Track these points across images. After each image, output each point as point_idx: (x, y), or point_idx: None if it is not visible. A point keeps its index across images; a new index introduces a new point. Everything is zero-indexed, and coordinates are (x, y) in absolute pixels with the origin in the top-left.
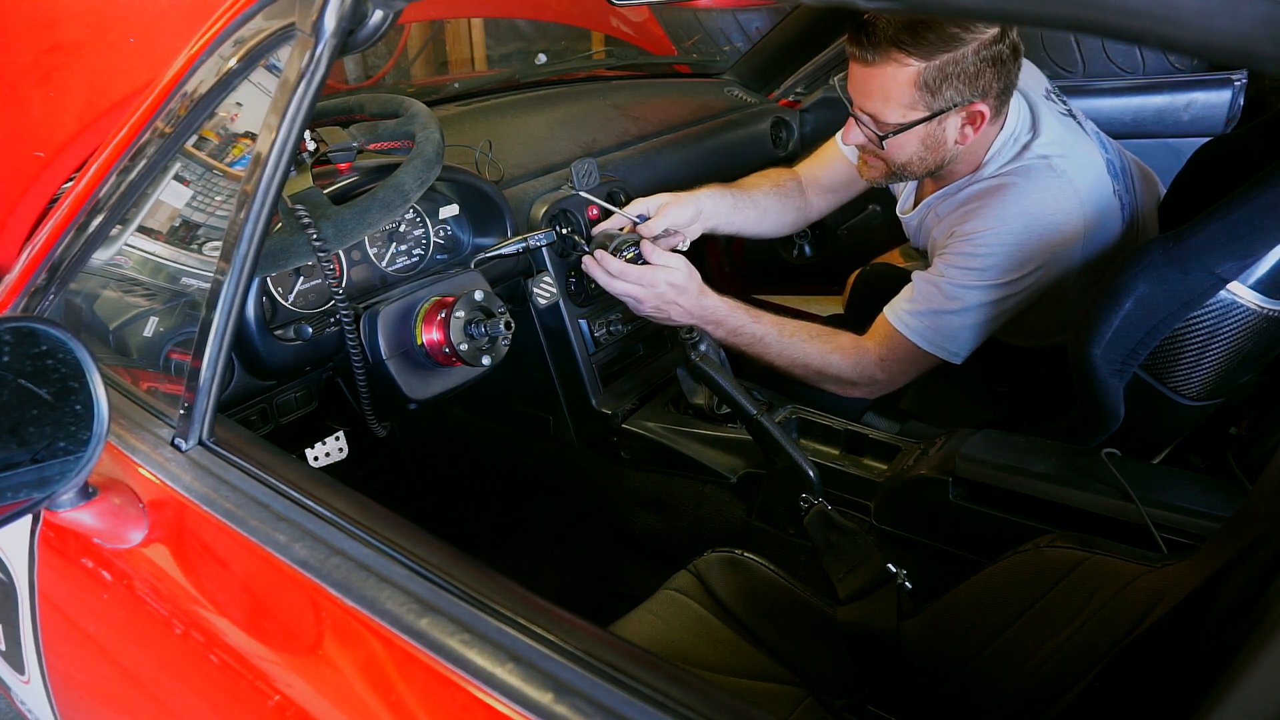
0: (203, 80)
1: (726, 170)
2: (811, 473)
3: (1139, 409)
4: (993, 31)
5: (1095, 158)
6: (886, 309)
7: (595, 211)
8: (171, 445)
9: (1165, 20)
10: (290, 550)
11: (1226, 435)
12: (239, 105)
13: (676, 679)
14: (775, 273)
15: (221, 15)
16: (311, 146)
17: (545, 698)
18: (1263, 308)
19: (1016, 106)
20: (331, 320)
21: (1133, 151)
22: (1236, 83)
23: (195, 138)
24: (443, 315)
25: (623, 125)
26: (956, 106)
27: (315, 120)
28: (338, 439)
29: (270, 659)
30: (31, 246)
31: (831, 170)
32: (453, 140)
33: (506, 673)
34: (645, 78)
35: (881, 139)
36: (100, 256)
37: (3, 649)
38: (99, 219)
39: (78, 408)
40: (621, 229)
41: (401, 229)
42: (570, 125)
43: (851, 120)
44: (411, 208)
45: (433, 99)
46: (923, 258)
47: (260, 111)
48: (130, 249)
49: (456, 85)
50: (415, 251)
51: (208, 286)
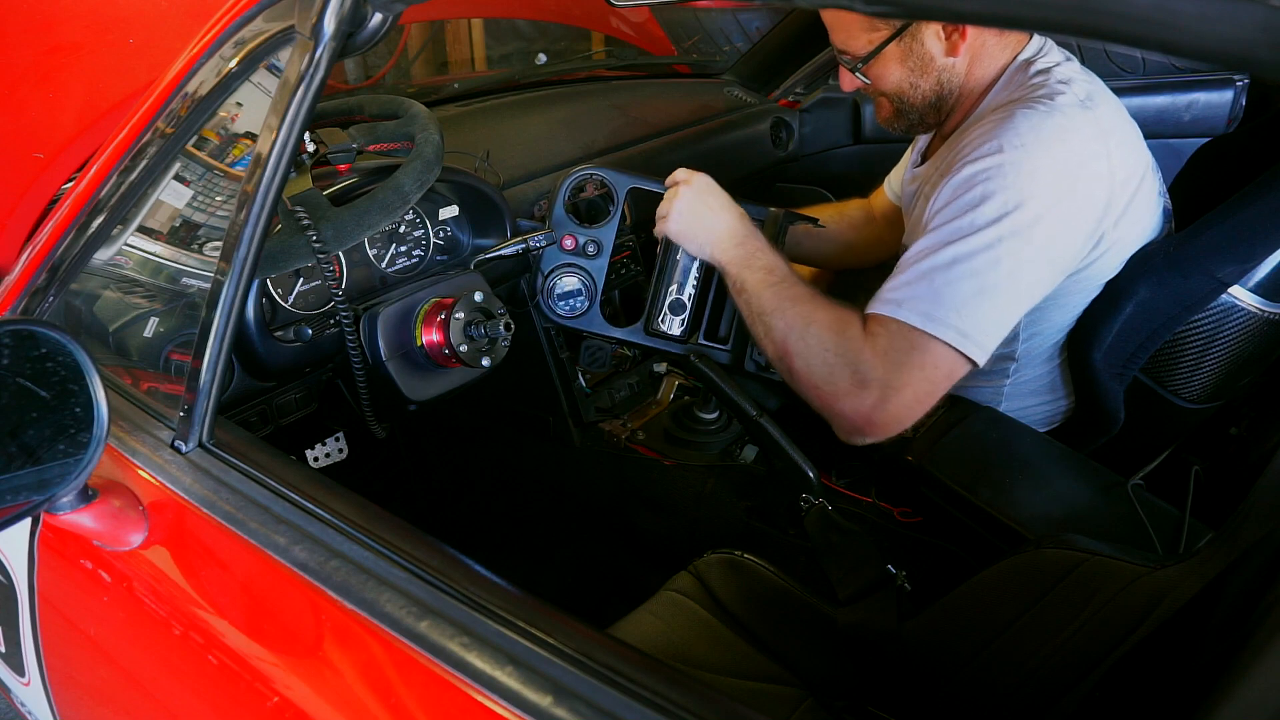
0: (203, 81)
1: (726, 170)
2: (811, 473)
3: (1139, 412)
4: None
5: (1140, 140)
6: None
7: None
8: (171, 448)
9: (1164, 25)
10: (290, 553)
11: (1226, 435)
12: (239, 106)
13: (676, 681)
14: None
15: (221, 17)
16: (311, 148)
17: (545, 700)
18: (1263, 311)
19: (1044, 41)
20: (331, 321)
21: None
22: (1238, 83)
23: (196, 138)
24: (442, 316)
25: (623, 125)
26: None
27: (315, 121)
28: (337, 440)
29: (270, 661)
30: (31, 247)
31: (891, 195)
32: (453, 142)
33: (506, 675)
34: (645, 78)
35: (855, 69)
36: (100, 257)
37: (2, 650)
38: (99, 219)
39: (77, 410)
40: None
41: (401, 230)
42: (570, 125)
43: (841, 68)
44: (411, 209)
45: (433, 99)
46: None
47: (260, 112)
48: (130, 249)
49: (456, 85)
50: (415, 253)
51: (208, 287)
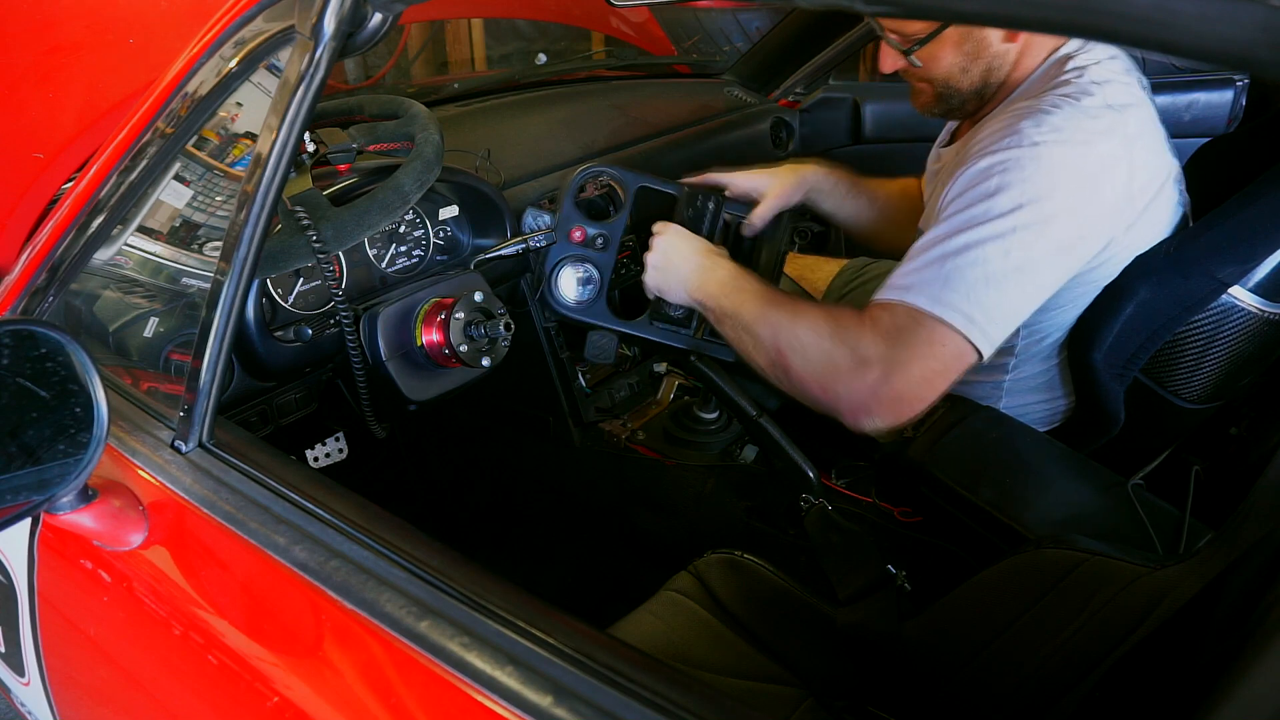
0: (203, 81)
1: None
2: (811, 473)
3: (1139, 412)
4: None
5: (1166, 149)
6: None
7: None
8: (171, 448)
9: (1164, 25)
10: (290, 553)
11: (1226, 435)
12: (239, 106)
13: (676, 681)
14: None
15: (221, 17)
16: (311, 148)
17: (545, 700)
18: (1263, 311)
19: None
20: (331, 321)
21: None
22: (1238, 83)
23: (196, 138)
24: (442, 316)
25: (623, 125)
26: None
27: (315, 121)
28: (338, 440)
29: (270, 661)
30: (31, 247)
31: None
32: (453, 141)
33: (506, 675)
34: (645, 78)
35: (907, 53)
36: (100, 257)
37: (2, 650)
38: (99, 219)
39: (77, 410)
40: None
41: (401, 230)
42: (570, 125)
43: (884, 47)
44: (411, 209)
45: (432, 99)
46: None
47: (260, 112)
48: (130, 249)
49: (456, 85)
50: (415, 253)
51: (208, 287)
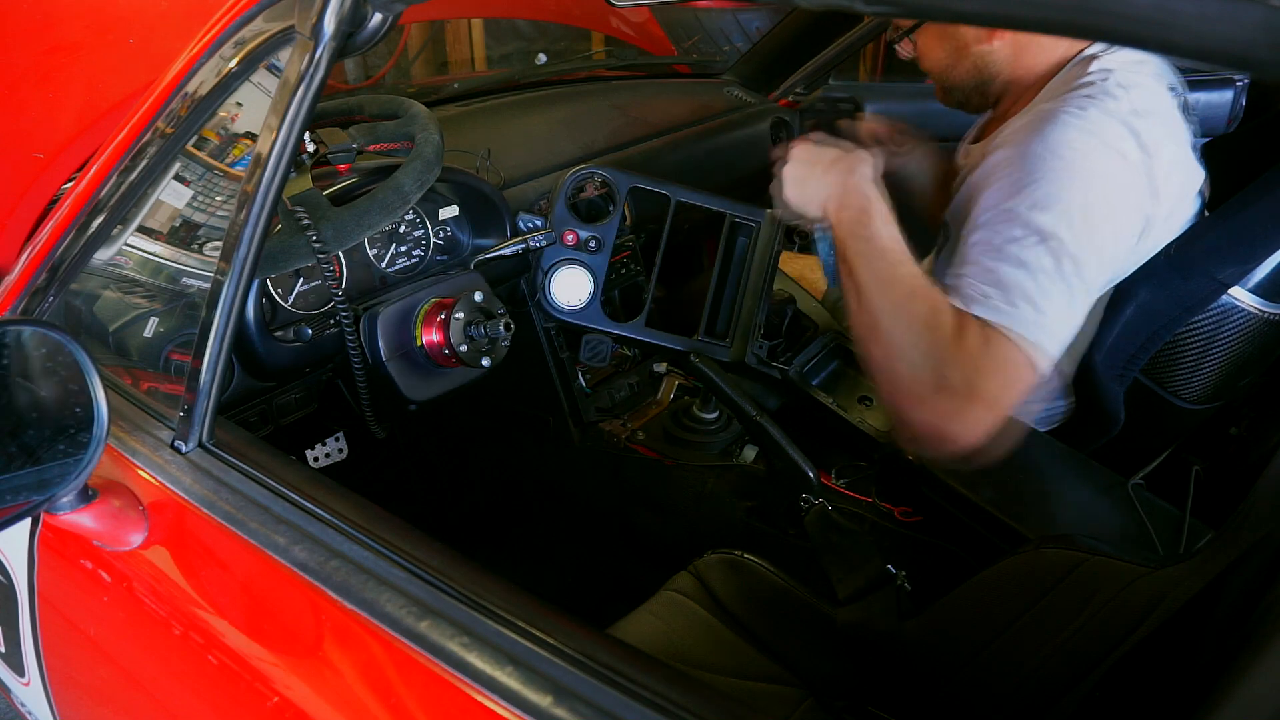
0: (203, 81)
1: (727, 170)
2: (811, 473)
3: (1139, 413)
4: None
5: (1190, 157)
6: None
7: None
8: (171, 448)
9: (1164, 25)
10: (290, 553)
11: (1226, 435)
12: (239, 106)
13: (676, 681)
14: None
15: (221, 17)
16: (311, 148)
17: (545, 700)
18: (1263, 311)
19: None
20: (331, 321)
21: None
22: (1238, 83)
23: (196, 138)
24: (442, 316)
25: (623, 125)
26: None
27: (315, 121)
28: (337, 440)
29: (270, 661)
30: (31, 247)
31: None
32: (453, 142)
33: (506, 675)
34: (645, 78)
35: (894, 41)
36: (100, 257)
37: (2, 651)
38: (99, 219)
39: (77, 410)
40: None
41: (401, 230)
42: (570, 125)
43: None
44: (411, 209)
45: (433, 99)
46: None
47: (260, 112)
48: (130, 249)
49: (456, 85)
50: (415, 252)
51: (208, 287)
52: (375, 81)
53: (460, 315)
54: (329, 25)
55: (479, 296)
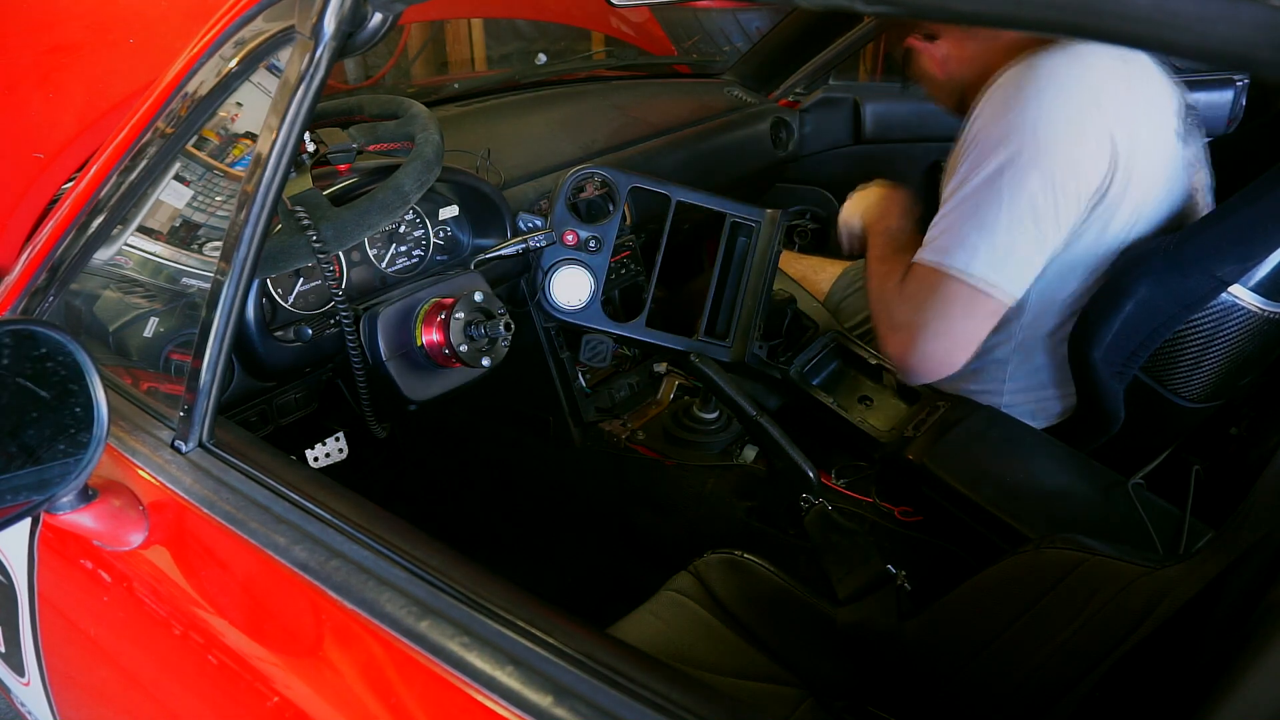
0: (203, 81)
1: (726, 170)
2: (811, 473)
3: (1139, 411)
4: None
5: (1153, 101)
6: None
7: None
8: (171, 447)
9: (1164, 25)
10: (290, 553)
11: (1226, 435)
12: (239, 105)
13: (676, 682)
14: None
15: (221, 17)
16: (311, 148)
17: (545, 700)
18: (1263, 310)
19: None
20: (331, 321)
21: None
22: (1238, 83)
23: (196, 138)
24: (442, 316)
25: (623, 125)
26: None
27: (315, 121)
28: (338, 440)
29: (270, 661)
30: (31, 247)
31: None
32: (453, 142)
33: (506, 675)
34: (645, 78)
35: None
36: (100, 257)
37: (2, 651)
38: (99, 219)
39: (77, 410)
40: None
41: (401, 230)
42: (570, 125)
43: None
44: (411, 209)
45: (433, 99)
46: None
47: (261, 112)
48: (130, 249)
49: (456, 86)
50: (415, 252)
51: (208, 287)
52: (375, 81)
53: (460, 315)
54: (329, 25)
55: (479, 296)
